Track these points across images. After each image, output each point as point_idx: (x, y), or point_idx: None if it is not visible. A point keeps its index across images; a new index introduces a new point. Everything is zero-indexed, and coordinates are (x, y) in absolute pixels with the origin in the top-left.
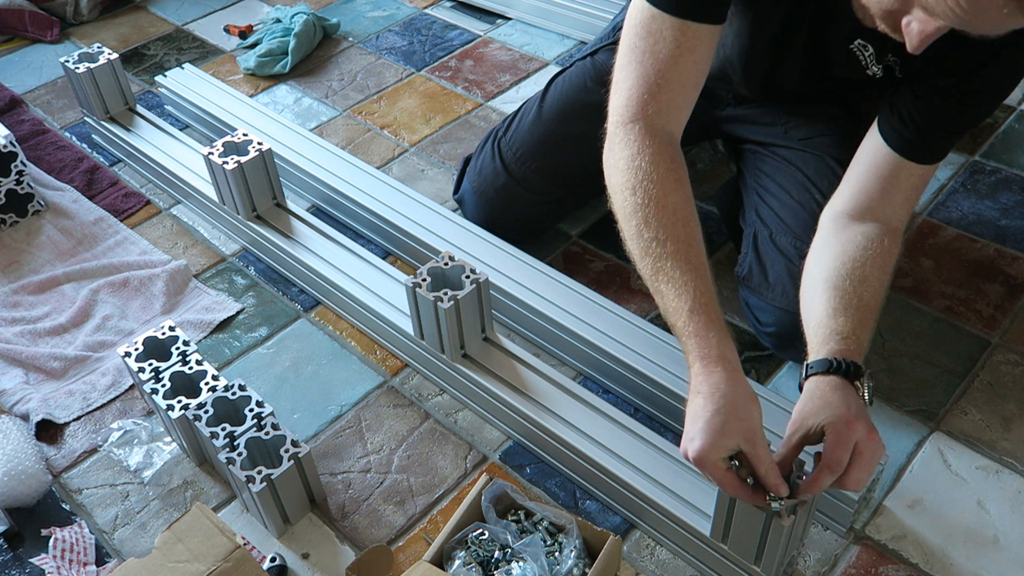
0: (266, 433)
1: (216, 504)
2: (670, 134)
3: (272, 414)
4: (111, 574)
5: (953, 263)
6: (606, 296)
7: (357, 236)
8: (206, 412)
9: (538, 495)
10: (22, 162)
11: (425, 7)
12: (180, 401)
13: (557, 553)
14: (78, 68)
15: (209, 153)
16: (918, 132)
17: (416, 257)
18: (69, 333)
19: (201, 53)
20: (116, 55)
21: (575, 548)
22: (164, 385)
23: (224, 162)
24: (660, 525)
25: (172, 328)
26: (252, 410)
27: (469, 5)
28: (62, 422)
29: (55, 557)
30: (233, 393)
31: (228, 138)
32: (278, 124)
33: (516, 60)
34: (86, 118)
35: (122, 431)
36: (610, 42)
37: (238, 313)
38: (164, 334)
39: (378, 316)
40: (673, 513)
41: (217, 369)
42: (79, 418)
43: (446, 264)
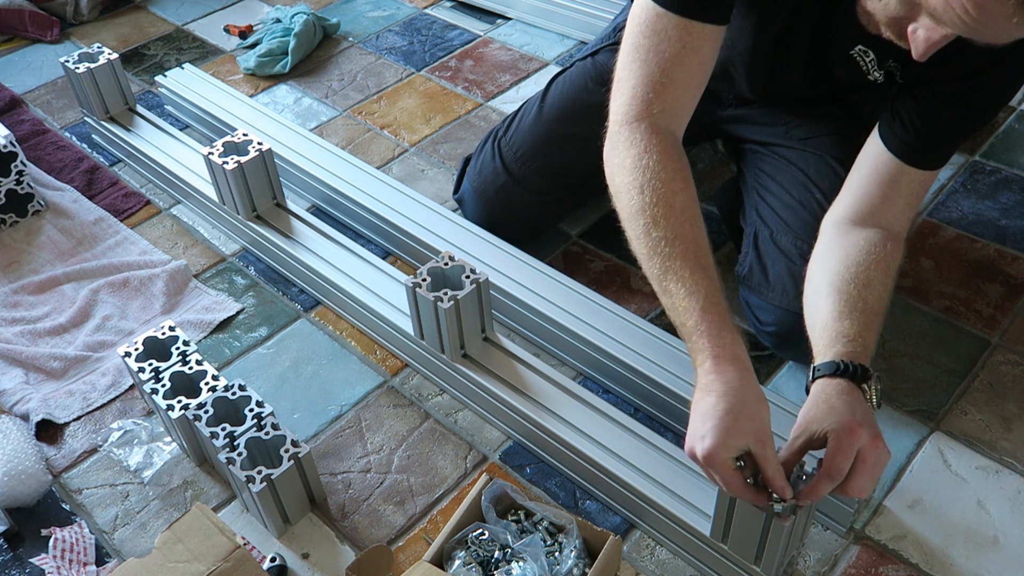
0: (266, 433)
1: (216, 504)
2: (674, 133)
3: (272, 414)
4: (111, 574)
5: (953, 263)
6: (606, 296)
7: (357, 236)
8: (206, 412)
9: (538, 495)
10: (22, 162)
11: (425, 7)
12: (180, 401)
13: (557, 553)
14: (78, 68)
15: (209, 153)
16: (919, 137)
17: (416, 257)
18: (69, 333)
19: (201, 53)
20: (116, 55)
21: (575, 548)
22: (164, 385)
23: (224, 162)
24: (660, 525)
25: (172, 328)
26: (252, 410)
27: (469, 5)
28: (62, 422)
29: (55, 557)
30: (233, 393)
31: (228, 138)
32: (278, 124)
33: (516, 60)
34: (86, 118)
35: (122, 431)
36: (611, 43)
37: (238, 313)
38: (164, 334)
39: (378, 316)
40: (673, 513)
41: (217, 369)
42: (79, 418)
43: (446, 264)
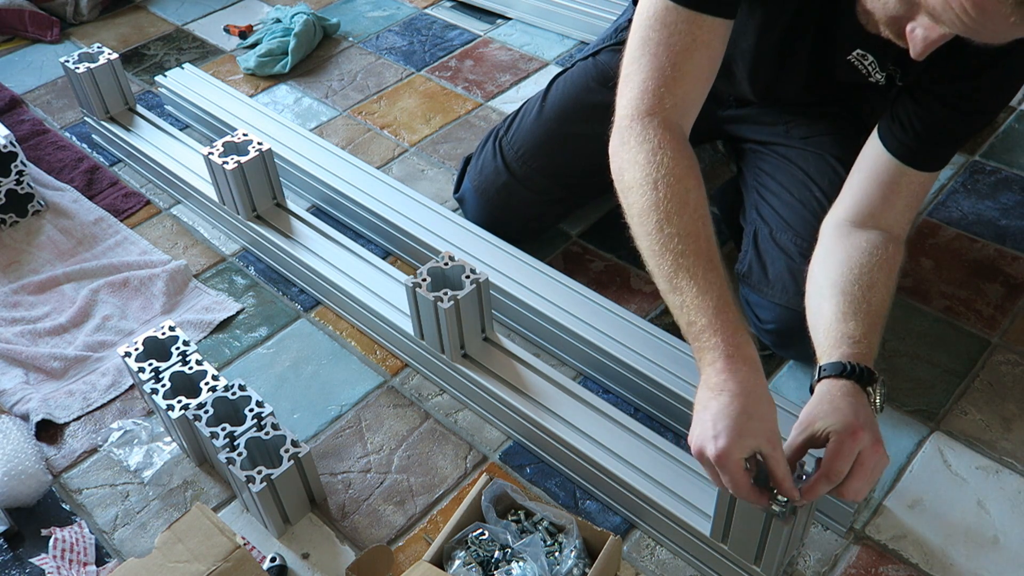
0: (266, 433)
1: (216, 504)
2: (683, 129)
3: (272, 414)
4: (111, 574)
5: (953, 263)
6: (606, 296)
7: (357, 236)
8: (206, 412)
9: (538, 495)
10: (22, 162)
11: (425, 7)
12: (180, 401)
13: (557, 553)
14: (78, 68)
15: (209, 153)
16: (919, 139)
17: (416, 257)
18: (69, 333)
19: (201, 53)
20: (116, 55)
21: (575, 548)
22: (164, 385)
23: (224, 162)
24: (660, 525)
25: (172, 328)
26: (252, 410)
27: (469, 5)
28: (62, 422)
29: (55, 557)
30: (233, 393)
31: (228, 138)
32: (278, 124)
33: (516, 60)
34: (86, 118)
35: (122, 431)
36: (612, 43)
37: (238, 313)
38: (164, 334)
39: (378, 316)
40: (673, 513)
41: (217, 369)
42: (79, 418)
43: (446, 264)
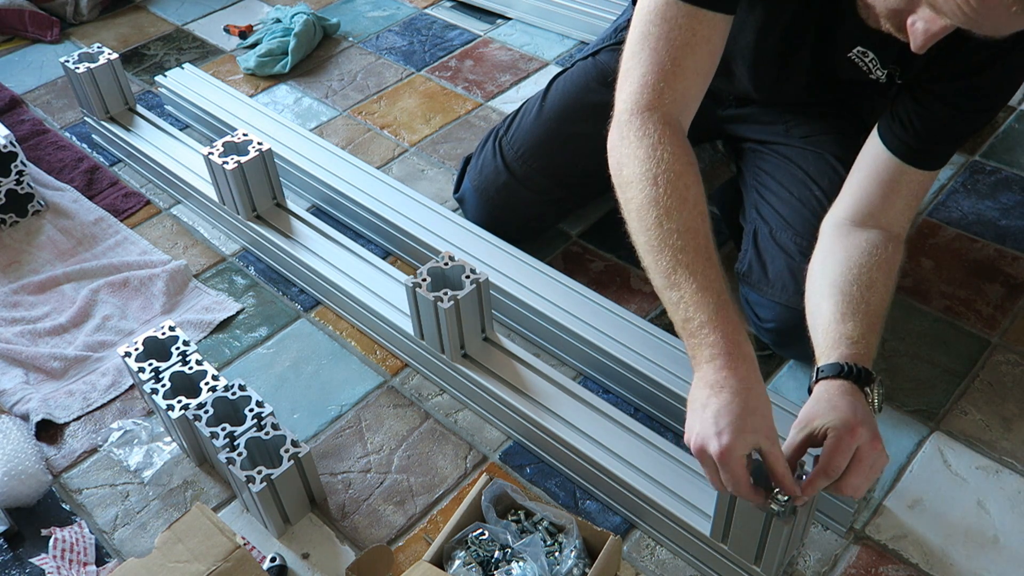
0: (266, 433)
1: (216, 504)
2: (682, 125)
3: (272, 414)
4: (111, 574)
5: (953, 263)
6: (606, 296)
7: (357, 236)
8: (206, 412)
9: (538, 495)
10: (22, 162)
11: (425, 7)
12: (180, 401)
13: (557, 553)
14: (78, 68)
15: (209, 153)
16: (919, 138)
17: (416, 257)
18: (69, 333)
19: (201, 53)
20: (116, 55)
21: (575, 548)
22: (164, 385)
23: (224, 162)
24: (660, 525)
25: (172, 328)
26: (252, 410)
27: (469, 5)
28: (62, 422)
29: (55, 557)
30: (233, 393)
31: (228, 138)
32: (278, 124)
33: (516, 60)
34: (86, 118)
35: (122, 431)
36: (612, 43)
37: (238, 313)
38: (164, 334)
39: (378, 316)
40: (673, 513)
41: (217, 369)
42: (79, 418)
43: (446, 264)
